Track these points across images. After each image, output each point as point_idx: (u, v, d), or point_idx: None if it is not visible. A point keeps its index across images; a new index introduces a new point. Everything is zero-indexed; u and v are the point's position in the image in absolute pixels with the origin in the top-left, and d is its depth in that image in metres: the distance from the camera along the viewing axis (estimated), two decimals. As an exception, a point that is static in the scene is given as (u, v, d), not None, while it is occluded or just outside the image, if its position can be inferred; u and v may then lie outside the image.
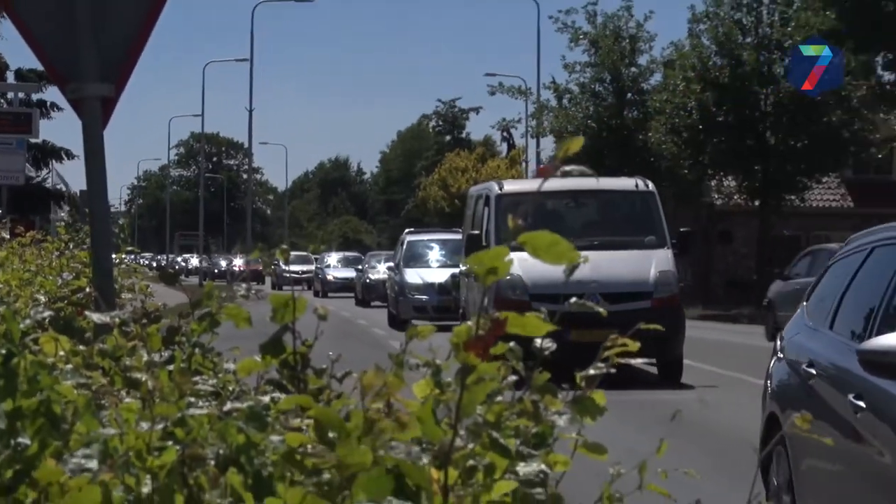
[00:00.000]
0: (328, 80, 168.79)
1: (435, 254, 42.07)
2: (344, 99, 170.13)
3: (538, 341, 2.79)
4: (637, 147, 46.35)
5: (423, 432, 2.41)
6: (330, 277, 62.62)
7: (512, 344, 2.65)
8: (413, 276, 39.69)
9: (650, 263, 22.88)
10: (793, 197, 45.68)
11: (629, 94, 48.57)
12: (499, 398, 2.54)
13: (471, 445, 2.39)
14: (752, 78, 41.76)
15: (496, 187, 25.17)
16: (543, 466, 2.40)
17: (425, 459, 2.34)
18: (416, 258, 41.60)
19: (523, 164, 64.82)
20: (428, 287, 39.63)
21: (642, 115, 47.63)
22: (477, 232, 24.66)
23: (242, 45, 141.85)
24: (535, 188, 25.53)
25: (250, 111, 67.08)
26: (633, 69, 48.88)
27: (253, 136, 73.11)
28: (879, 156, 46.13)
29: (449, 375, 2.44)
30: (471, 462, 2.39)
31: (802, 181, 45.23)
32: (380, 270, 50.64)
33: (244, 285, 3.93)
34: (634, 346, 2.90)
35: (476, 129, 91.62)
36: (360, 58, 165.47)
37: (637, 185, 24.97)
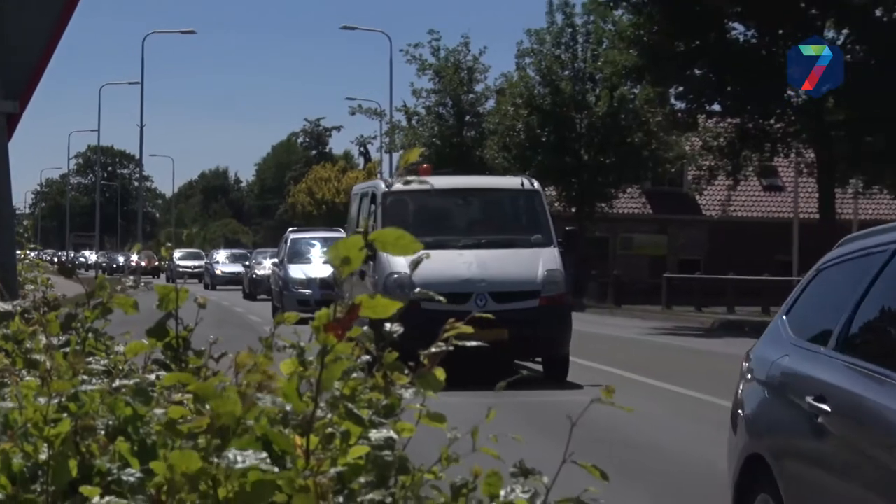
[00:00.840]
0: (210, 100, 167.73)
1: (317, 251, 37.96)
2: (224, 117, 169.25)
3: (388, 325, 2.77)
4: (474, 162, 46.51)
5: (292, 403, 2.37)
6: (218, 272, 60.11)
7: (365, 328, 2.63)
8: (296, 271, 36.23)
9: (538, 262, 19.58)
10: (603, 205, 46.41)
11: (467, 117, 48.90)
12: (354, 375, 2.52)
13: (329, 415, 2.37)
14: (570, 104, 42.22)
15: (382, 185, 21.36)
16: (392, 433, 2.37)
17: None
18: (299, 255, 38.22)
19: (378, 175, 64.72)
20: (311, 282, 36.36)
21: (479, 135, 47.96)
22: (362, 230, 23.63)
23: (136, 69, 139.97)
24: (421, 186, 20.50)
25: (141, 127, 66.04)
26: (471, 95, 49.22)
27: (143, 148, 73.12)
28: (672, 170, 46.99)
29: (311, 356, 2.41)
30: (329, 430, 2.36)
31: (611, 192, 45.89)
32: (265, 266, 46.97)
33: (132, 278, 3.88)
34: (468, 329, 2.76)
35: (338, 144, 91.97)
36: (238, 81, 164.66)
37: (523, 184, 21.46)
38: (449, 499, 2.33)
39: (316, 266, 35.65)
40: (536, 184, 21.36)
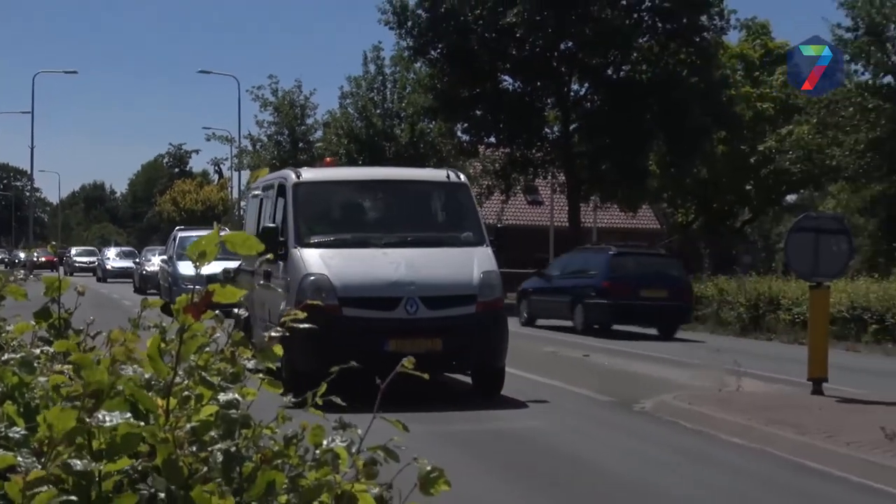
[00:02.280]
0: (91, 125, 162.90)
1: None
2: (102, 140, 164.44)
3: (236, 310, 2.70)
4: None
5: (156, 370, 2.31)
6: (109, 267, 55.46)
7: (217, 312, 2.55)
8: (185, 268, 29.22)
9: (471, 263, 13.97)
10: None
11: (300, 144, 48.68)
12: (207, 348, 2.45)
13: (186, 381, 2.30)
14: (380, 135, 42.26)
15: (293, 175, 15.30)
16: (237, 395, 2.31)
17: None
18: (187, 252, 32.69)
19: (230, 189, 63.59)
20: (199, 278, 28.33)
21: (310, 158, 47.78)
22: (273, 225, 14.85)
23: (27, 99, 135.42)
24: (337, 177, 16.16)
25: (32, 148, 63.64)
26: (303, 127, 49.00)
27: (34, 165, 71.09)
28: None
29: (172, 334, 2.34)
30: (186, 393, 2.30)
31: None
32: (154, 263, 38.84)
33: (23, 271, 3.73)
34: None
35: (196, 164, 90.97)
36: (114, 111, 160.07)
37: (448, 177, 15.52)
38: (282, 447, 2.29)
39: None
40: (463, 177, 15.27)
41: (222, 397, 2.29)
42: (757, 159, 42.45)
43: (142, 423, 2.11)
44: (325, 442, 2.33)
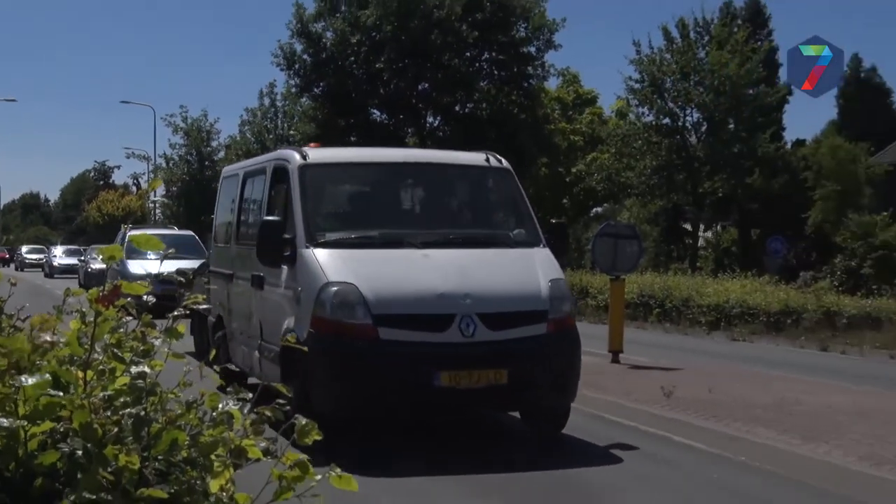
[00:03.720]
0: (27, 144, 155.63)
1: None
2: (37, 156, 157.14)
3: (144, 297, 2.61)
4: (214, 191, 45.55)
5: (72, 350, 2.21)
6: (56, 264, 48.52)
7: (128, 299, 2.45)
8: (136, 267, 23.31)
9: (534, 268, 8.38)
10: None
11: (206, 162, 47.56)
12: (121, 329, 2.36)
13: (101, 357, 2.21)
14: (272, 156, 41.83)
15: (297, 156, 8.80)
16: (146, 368, 2.23)
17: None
18: (136, 251, 20.09)
19: (147, 199, 61.57)
20: (150, 277, 21.47)
21: (213, 174, 46.94)
22: (275, 218, 8.62)
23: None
24: (354, 158, 9.81)
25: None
26: (209, 148, 47.97)
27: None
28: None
29: (90, 318, 2.25)
30: (101, 367, 2.21)
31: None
32: (100, 260, 28.31)
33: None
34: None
35: (118, 177, 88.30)
36: (47, 132, 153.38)
37: (489, 160, 9.36)
38: (184, 410, 2.21)
39: (154, 262, 23.02)
40: (505, 161, 9.41)
41: (133, 370, 2.23)
42: (571, 179, 43.49)
43: (61, 393, 2.04)
44: (220, 405, 2.28)
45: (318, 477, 2.08)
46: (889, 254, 26.55)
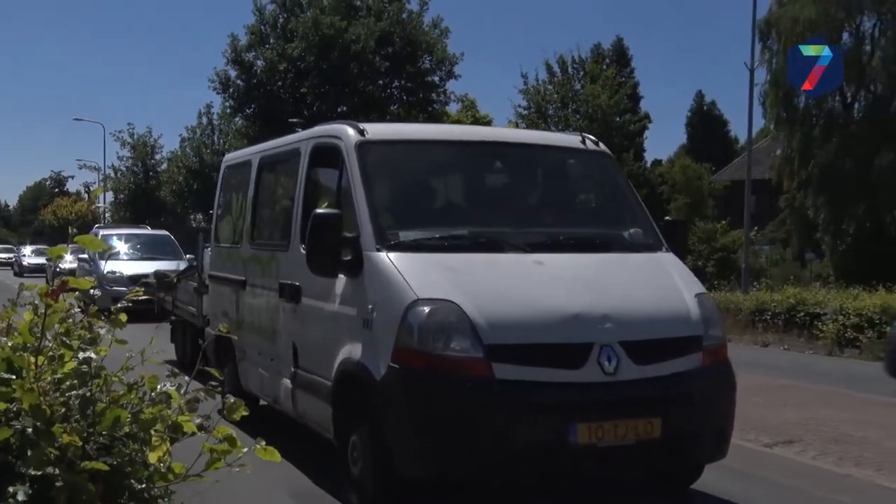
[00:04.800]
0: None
1: (130, 248, 19.70)
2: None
3: (92, 290, 2.52)
4: (158, 199, 44.58)
5: (24, 338, 2.13)
6: (25, 263, 43.08)
7: (77, 293, 2.37)
8: (108, 267, 18.60)
9: (672, 279, 4.67)
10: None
11: (151, 173, 46.37)
12: (69, 320, 2.29)
13: (51, 344, 2.14)
14: (209, 168, 40.87)
15: (352, 132, 4.99)
16: (92, 354, 2.16)
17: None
18: (111, 252, 19.64)
19: (97, 204, 59.29)
20: (125, 279, 17.41)
21: (157, 183, 45.80)
22: (331, 211, 4.66)
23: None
24: (425, 136, 5.60)
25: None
26: (153, 161, 46.70)
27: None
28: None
29: (42, 310, 2.17)
30: (51, 353, 2.13)
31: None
32: (68, 260, 22.85)
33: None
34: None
35: (72, 186, 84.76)
36: (7, 141, 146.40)
37: (585, 142, 5.57)
38: (126, 391, 2.16)
39: (131, 263, 18.41)
40: (602, 145, 5.94)
41: (80, 355, 2.17)
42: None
43: (14, 377, 1.97)
44: (159, 386, 2.23)
45: (245, 450, 2.07)
46: (727, 255, 27.70)
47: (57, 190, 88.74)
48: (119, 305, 2.34)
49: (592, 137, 5.90)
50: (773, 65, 25.48)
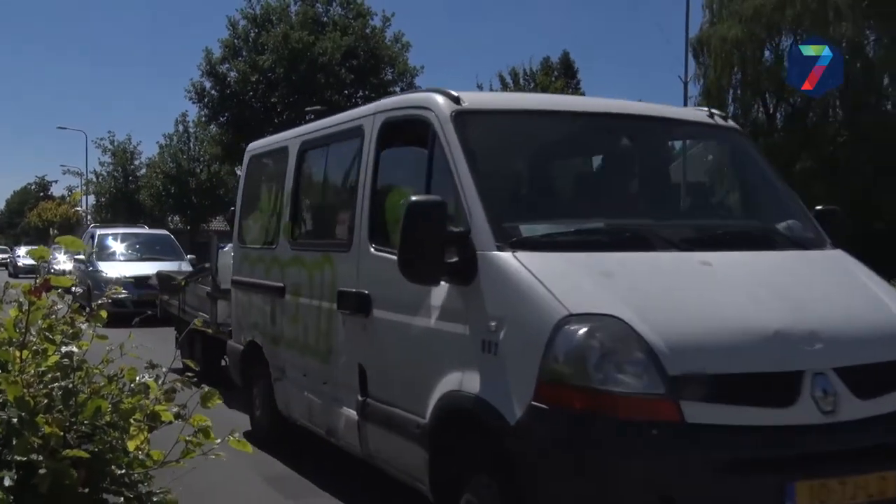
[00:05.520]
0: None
1: (128, 248, 16.97)
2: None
3: (73, 288, 2.47)
4: (138, 202, 43.96)
5: (9, 334, 2.09)
6: (20, 264, 39.81)
7: (59, 289, 2.33)
8: (109, 270, 15.53)
9: (862, 283, 2.99)
10: (205, 225, 44.15)
11: (130, 178, 45.71)
12: (52, 316, 2.24)
13: (35, 339, 2.10)
14: (186, 174, 40.26)
15: (442, 101, 3.36)
16: (73, 348, 2.13)
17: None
18: (109, 252, 16.81)
19: (80, 207, 58.13)
20: (126, 281, 14.09)
21: (136, 188, 45.18)
22: (433, 197, 3.00)
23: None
24: (533, 105, 3.75)
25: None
26: (132, 166, 46.07)
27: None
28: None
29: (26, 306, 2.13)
30: (35, 347, 2.09)
31: (209, 218, 43.71)
32: (61, 261, 21.79)
33: None
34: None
35: (56, 190, 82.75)
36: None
37: (714, 118, 3.78)
38: (107, 382, 2.13)
39: (130, 264, 15.66)
40: (731, 121, 4.15)
41: (62, 349, 2.14)
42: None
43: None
44: (138, 378, 2.20)
45: (218, 441, 2.06)
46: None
47: (42, 194, 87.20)
48: (100, 302, 2.31)
49: (720, 112, 4.41)
50: (705, 79, 25.99)
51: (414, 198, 3.30)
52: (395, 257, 3.36)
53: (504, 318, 3.03)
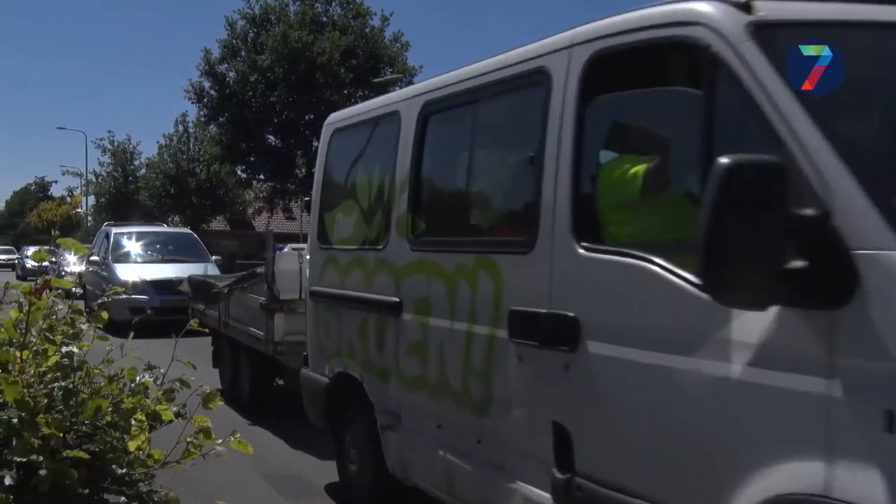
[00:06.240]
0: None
1: (146, 248, 14.59)
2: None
3: (73, 288, 2.48)
4: (136, 201, 44.06)
5: (9, 334, 2.10)
6: (28, 265, 35.61)
7: (59, 290, 2.33)
8: (126, 272, 12.97)
9: None
10: (204, 225, 44.29)
11: (129, 178, 45.68)
12: (53, 316, 2.25)
13: (35, 339, 2.10)
14: (185, 174, 40.23)
15: (718, 11, 1.85)
16: (74, 348, 2.13)
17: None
18: (126, 253, 14.28)
19: (80, 208, 57.92)
20: (146, 285, 12.53)
21: (136, 188, 45.21)
22: (767, 158, 1.53)
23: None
24: (854, 15, 1.89)
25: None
26: (132, 166, 46.03)
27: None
28: (241, 208, 45.16)
29: (26, 307, 2.14)
30: (35, 347, 2.09)
31: (208, 218, 43.69)
32: (71, 262, 17.99)
33: None
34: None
35: (56, 190, 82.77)
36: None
37: None
38: (107, 383, 2.14)
39: (150, 266, 13.79)
40: None
41: (63, 349, 2.14)
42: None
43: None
44: (138, 378, 2.21)
45: (220, 441, 2.06)
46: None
47: (42, 194, 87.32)
48: (99, 301, 2.31)
49: None
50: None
51: (726, 158, 1.87)
52: (624, 260, 2.35)
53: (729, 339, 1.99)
